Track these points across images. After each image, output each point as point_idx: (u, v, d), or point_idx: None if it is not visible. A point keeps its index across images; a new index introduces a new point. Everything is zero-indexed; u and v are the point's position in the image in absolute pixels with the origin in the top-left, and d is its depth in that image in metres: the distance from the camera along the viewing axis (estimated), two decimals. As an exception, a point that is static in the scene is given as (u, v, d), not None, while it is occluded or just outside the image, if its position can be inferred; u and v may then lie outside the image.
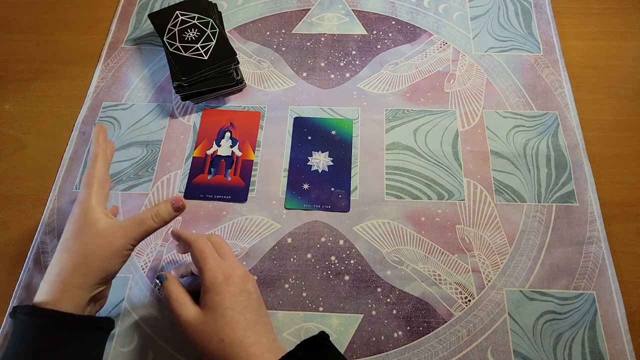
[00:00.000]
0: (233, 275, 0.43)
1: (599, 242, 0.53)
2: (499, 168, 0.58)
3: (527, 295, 0.51)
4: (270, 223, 0.56)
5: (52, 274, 0.41)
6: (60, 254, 0.41)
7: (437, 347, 0.49)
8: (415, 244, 0.54)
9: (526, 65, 0.66)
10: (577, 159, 0.58)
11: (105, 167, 0.46)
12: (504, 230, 0.55)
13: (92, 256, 0.41)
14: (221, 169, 0.59)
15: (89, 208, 0.42)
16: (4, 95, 0.67)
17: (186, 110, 0.64)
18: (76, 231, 0.42)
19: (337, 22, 0.71)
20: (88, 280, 0.41)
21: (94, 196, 0.43)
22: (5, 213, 0.58)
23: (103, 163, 0.46)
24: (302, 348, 0.40)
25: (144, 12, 0.73)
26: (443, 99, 0.63)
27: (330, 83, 0.65)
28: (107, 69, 0.68)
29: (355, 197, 0.57)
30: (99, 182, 0.44)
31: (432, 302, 0.51)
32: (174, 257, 0.55)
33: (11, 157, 0.62)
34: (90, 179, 0.44)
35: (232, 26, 0.71)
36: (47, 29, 0.72)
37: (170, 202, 0.45)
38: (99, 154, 0.46)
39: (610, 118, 0.62)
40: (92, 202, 0.43)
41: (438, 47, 0.68)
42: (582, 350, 0.48)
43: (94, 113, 0.64)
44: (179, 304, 0.43)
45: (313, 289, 0.52)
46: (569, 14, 0.71)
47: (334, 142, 0.61)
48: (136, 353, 0.49)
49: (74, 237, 0.42)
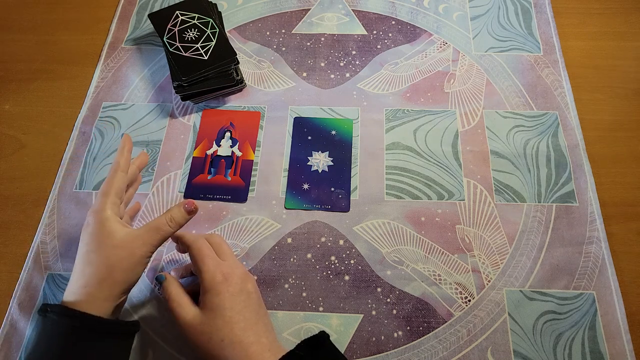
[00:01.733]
0: (232, 276, 0.43)
1: (599, 242, 0.53)
2: (499, 168, 0.58)
3: (527, 295, 0.51)
4: (270, 223, 0.56)
5: (77, 286, 0.41)
6: (83, 267, 0.42)
7: (437, 347, 0.49)
8: (415, 244, 0.54)
9: (526, 65, 0.66)
10: (577, 159, 0.58)
11: (125, 179, 0.46)
12: (504, 230, 0.55)
13: (115, 269, 0.41)
14: (221, 169, 0.59)
15: (105, 219, 0.42)
16: (4, 95, 0.67)
17: (186, 110, 0.64)
18: (95, 243, 0.42)
19: (337, 22, 0.71)
20: (114, 291, 0.41)
21: (109, 206, 0.43)
22: (5, 213, 0.58)
23: (123, 174, 0.46)
24: (303, 348, 0.40)
25: (144, 12, 0.73)
26: (443, 99, 0.63)
27: (330, 83, 0.65)
28: (107, 69, 0.68)
29: (355, 197, 0.57)
30: (115, 192, 0.44)
31: (432, 302, 0.51)
32: (174, 257, 0.55)
33: (11, 157, 0.62)
34: (108, 188, 0.44)
35: (232, 26, 0.71)
36: (47, 29, 0.72)
37: (183, 206, 0.45)
38: (121, 164, 0.46)
39: (610, 118, 0.62)
40: (108, 213, 0.43)
41: (438, 47, 0.68)
42: (582, 350, 0.48)
43: (94, 113, 0.64)
44: (179, 305, 0.43)
45: (313, 289, 0.52)
46: (569, 14, 0.71)
47: (334, 142, 0.61)
48: (136, 353, 0.49)
49: (94, 250, 0.42)
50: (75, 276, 0.42)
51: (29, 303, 0.52)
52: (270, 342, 0.41)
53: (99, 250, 0.41)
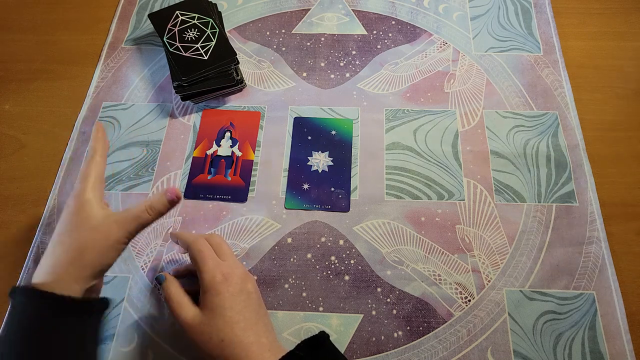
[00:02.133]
0: (232, 276, 0.43)
1: (599, 242, 0.53)
2: (499, 168, 0.58)
3: (527, 295, 0.51)
4: (270, 223, 0.56)
5: (45, 266, 0.40)
6: (54, 247, 0.41)
7: (437, 347, 0.49)
8: (415, 244, 0.54)
9: (526, 65, 0.66)
10: (577, 159, 0.58)
11: (103, 162, 0.46)
12: (504, 230, 0.55)
13: (87, 250, 0.40)
14: (221, 169, 0.59)
15: (85, 201, 0.42)
16: (4, 95, 0.67)
17: (186, 110, 0.64)
18: (71, 224, 0.41)
19: (337, 22, 0.71)
20: (83, 273, 0.40)
21: (90, 189, 0.43)
22: (5, 213, 0.58)
23: (101, 159, 0.45)
24: (303, 348, 0.40)
25: (144, 12, 0.73)
26: (443, 99, 0.63)
27: (330, 83, 0.65)
28: (107, 69, 0.68)
29: (355, 197, 0.57)
30: (96, 175, 0.44)
31: (432, 302, 0.51)
32: (174, 257, 0.55)
33: (11, 157, 0.62)
34: (87, 172, 0.43)
35: (232, 26, 0.71)
36: (47, 29, 0.72)
37: (165, 194, 0.44)
38: (98, 149, 0.45)
39: (610, 118, 0.62)
40: (88, 195, 0.42)
41: (438, 47, 0.68)
42: (582, 350, 0.48)
43: (94, 113, 0.64)
44: (178, 305, 0.43)
45: (313, 289, 0.52)
46: (569, 14, 0.71)
47: (334, 142, 0.61)
48: (136, 353, 0.49)
49: (68, 231, 0.41)
50: (45, 256, 0.41)
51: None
52: (270, 342, 0.41)
53: (73, 231, 0.41)
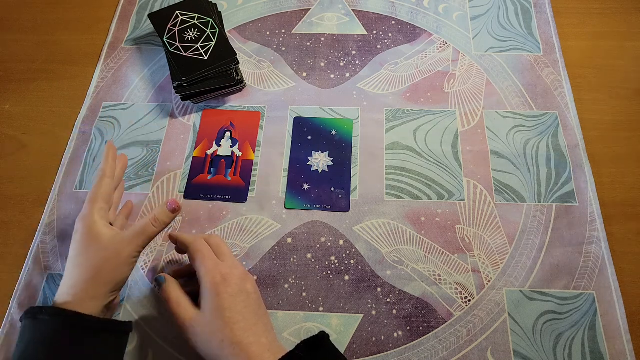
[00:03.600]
0: (231, 276, 0.43)
1: (599, 242, 0.53)
2: (499, 168, 0.58)
3: (527, 295, 0.51)
4: (270, 223, 0.56)
5: (65, 288, 0.42)
6: (71, 270, 0.43)
7: (437, 347, 0.49)
8: (415, 244, 0.54)
9: (526, 65, 0.66)
10: (577, 159, 0.58)
11: (112, 184, 0.48)
12: (504, 230, 0.55)
13: (102, 269, 0.42)
14: (221, 169, 0.59)
15: (92, 223, 0.44)
16: (4, 95, 0.67)
17: (186, 110, 0.64)
18: (82, 247, 0.43)
19: (337, 22, 0.71)
20: (101, 291, 0.42)
21: (96, 212, 0.45)
22: (5, 213, 0.58)
23: (110, 180, 0.47)
24: (302, 348, 0.40)
25: (144, 12, 0.73)
26: (443, 99, 0.63)
27: (330, 83, 0.65)
28: (107, 69, 0.68)
29: (355, 197, 0.57)
30: (102, 198, 0.46)
31: (432, 302, 0.51)
32: (174, 257, 0.55)
33: (11, 157, 0.62)
34: (95, 195, 0.46)
35: (232, 26, 0.71)
36: (47, 29, 0.72)
37: (166, 205, 0.46)
38: (107, 171, 0.48)
39: (610, 118, 0.62)
40: (95, 217, 0.44)
41: (438, 47, 0.68)
42: (582, 350, 0.48)
43: (94, 113, 0.64)
44: (178, 305, 0.43)
45: (313, 289, 0.52)
46: (569, 14, 0.71)
47: (334, 142, 0.61)
48: (136, 353, 0.49)
49: (81, 254, 0.43)
50: (64, 280, 0.43)
51: (29, 303, 0.52)
52: (270, 343, 0.41)
53: (86, 253, 0.43)
